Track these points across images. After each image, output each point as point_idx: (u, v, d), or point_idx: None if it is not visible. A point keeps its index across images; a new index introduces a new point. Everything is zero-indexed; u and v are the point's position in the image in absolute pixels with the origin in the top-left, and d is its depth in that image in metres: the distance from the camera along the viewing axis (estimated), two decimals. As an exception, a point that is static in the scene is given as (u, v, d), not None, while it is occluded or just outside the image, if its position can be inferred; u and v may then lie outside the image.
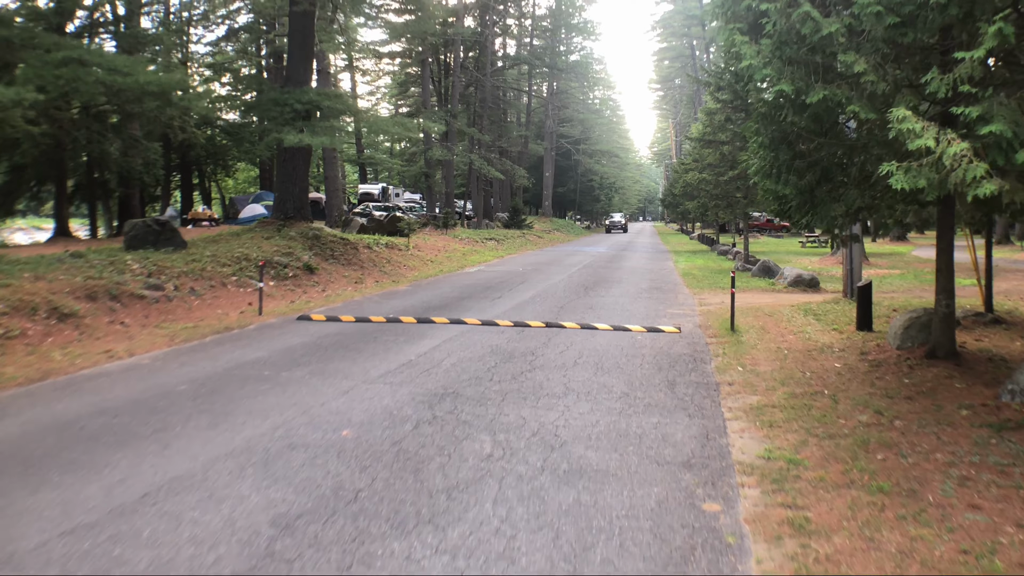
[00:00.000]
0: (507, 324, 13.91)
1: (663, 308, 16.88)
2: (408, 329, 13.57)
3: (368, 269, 23.36)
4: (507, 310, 16.12)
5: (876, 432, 7.40)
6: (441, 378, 9.57)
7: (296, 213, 24.58)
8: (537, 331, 13.29)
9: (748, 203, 28.55)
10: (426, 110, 49.64)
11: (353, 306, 17.05)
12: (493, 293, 19.31)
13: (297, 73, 24.80)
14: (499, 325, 13.86)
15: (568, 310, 16.21)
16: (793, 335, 13.38)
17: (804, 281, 21.08)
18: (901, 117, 5.91)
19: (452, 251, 33.47)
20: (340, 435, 7.22)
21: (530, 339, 12.47)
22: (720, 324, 14.39)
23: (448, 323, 14.13)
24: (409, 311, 15.97)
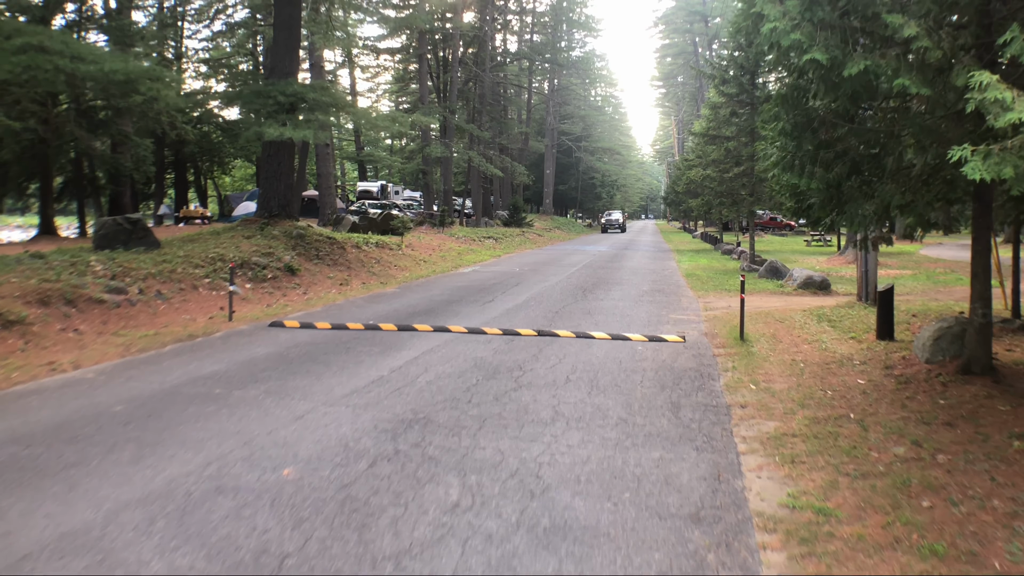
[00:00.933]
0: (495, 332, 12.75)
1: (666, 313, 15.71)
2: (387, 338, 12.41)
3: (355, 270, 22.20)
4: (498, 315, 14.97)
5: (917, 470, 6.25)
6: (413, 399, 8.41)
7: (281, 211, 23.44)
8: (528, 341, 12.13)
9: (754, 200, 27.35)
10: (423, 106, 48.45)
11: (333, 311, 15.90)
12: (485, 296, 18.15)
13: (282, 64, 23.64)
14: (487, 333, 12.70)
15: (564, 315, 15.05)
16: (808, 344, 12.22)
17: (815, 283, 19.92)
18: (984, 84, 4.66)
19: (447, 250, 32.31)
20: (280, 475, 6.08)
21: (519, 350, 11.31)
22: (728, 332, 13.23)
23: (431, 331, 12.98)
24: (392, 317, 14.83)
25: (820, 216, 8.80)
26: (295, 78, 23.60)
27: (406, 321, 14.19)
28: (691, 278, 23.71)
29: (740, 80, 26.99)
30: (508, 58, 70.50)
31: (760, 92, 27.15)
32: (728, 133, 29.09)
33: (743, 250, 33.67)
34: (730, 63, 27.47)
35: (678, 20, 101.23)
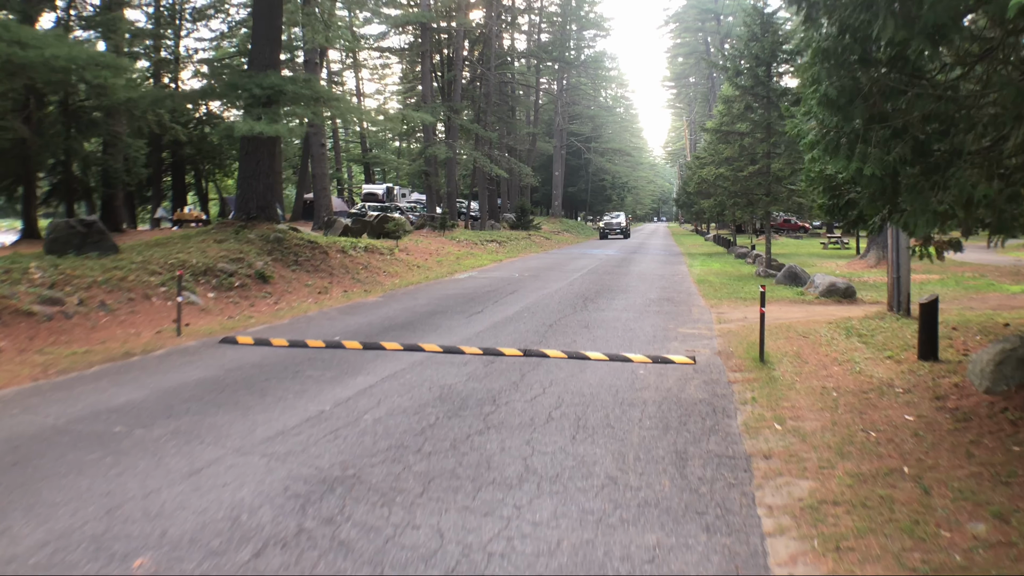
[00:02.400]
0: (474, 352, 11.00)
1: (674, 326, 13.91)
2: (347, 359, 10.69)
3: (338, 277, 20.49)
4: (483, 330, 13.21)
5: (1010, 563, 4.51)
6: (349, 447, 6.68)
7: (260, 213, 21.76)
8: (510, 363, 10.36)
9: (770, 201, 25.53)
10: (426, 105, 46.76)
11: (300, 324, 14.20)
12: (474, 306, 16.41)
13: (262, 55, 21.97)
14: (464, 353, 10.95)
15: (558, 330, 13.29)
16: (839, 366, 10.44)
17: (838, 291, 18.12)
18: None
19: (445, 255, 30.56)
20: (129, 567, 4.37)
21: (498, 375, 9.55)
22: (745, 350, 11.46)
23: (401, 350, 11.25)
24: (363, 331, 13.12)
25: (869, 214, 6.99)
26: (277, 70, 21.88)
27: (377, 337, 12.49)
28: (703, 284, 21.92)
29: (755, 72, 25.21)
30: (515, 57, 68.74)
31: (776, 85, 25.40)
32: (743, 129, 27.30)
33: (758, 254, 31.86)
34: (744, 54, 25.68)
35: (689, 18, 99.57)
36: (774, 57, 25.10)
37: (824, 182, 7.41)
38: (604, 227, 66.39)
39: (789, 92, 25.28)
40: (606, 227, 65.99)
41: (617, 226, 65.31)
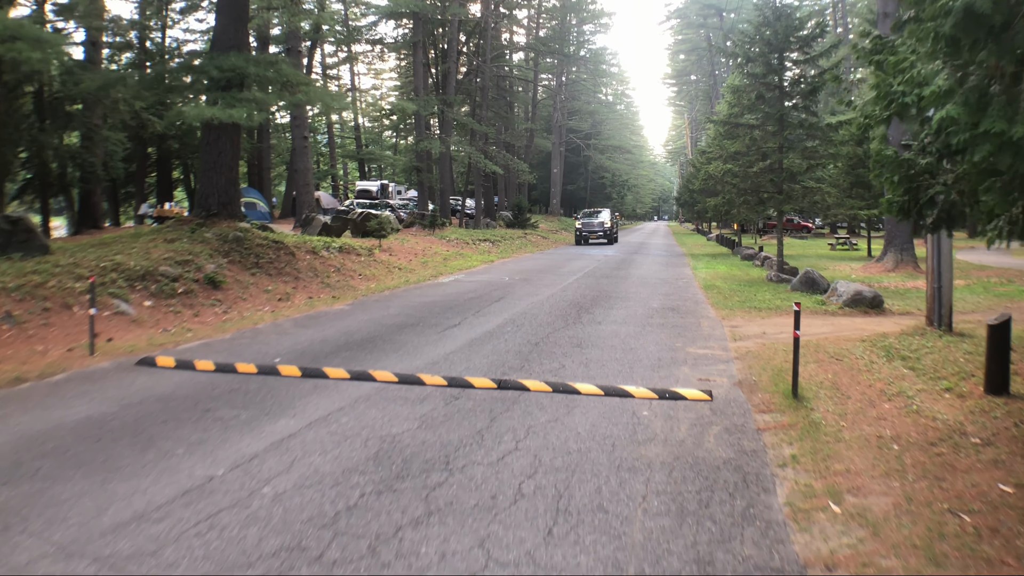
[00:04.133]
0: (437, 383, 8.89)
1: (681, 344, 11.80)
2: (277, 391, 8.61)
3: (305, 281, 18.39)
4: (455, 350, 11.10)
5: None
6: (223, 546, 4.61)
7: (222, 209, 19.68)
8: (480, 398, 8.26)
9: (783, 199, 23.41)
10: (418, 97, 44.63)
11: (244, 339, 12.13)
12: (452, 317, 14.31)
13: (226, 35, 19.88)
14: (424, 384, 8.85)
15: (545, 349, 11.18)
16: (888, 402, 8.37)
17: (865, 300, 16.03)
18: None
19: (432, 255, 28.43)
20: None
21: (460, 419, 7.46)
22: (770, 378, 9.37)
23: (347, 379, 9.15)
24: (312, 350, 11.06)
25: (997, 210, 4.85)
26: (243, 52, 19.79)
27: (329, 357, 10.44)
28: (711, 291, 19.81)
29: (767, 59, 23.10)
30: (513, 51, 66.63)
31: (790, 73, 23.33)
32: (752, 120, 25.18)
33: (766, 256, 29.80)
34: (755, 40, 23.57)
35: (692, 14, 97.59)
36: (787, 42, 22.99)
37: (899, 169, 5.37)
38: (581, 229, 49.17)
39: (803, 80, 23.21)
40: (584, 229, 49.08)
41: (599, 228, 49.14)
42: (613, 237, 50.35)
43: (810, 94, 23.23)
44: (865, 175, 35.13)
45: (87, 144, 36.52)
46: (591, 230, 48.94)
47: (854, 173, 34.96)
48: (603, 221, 49.74)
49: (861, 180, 35.10)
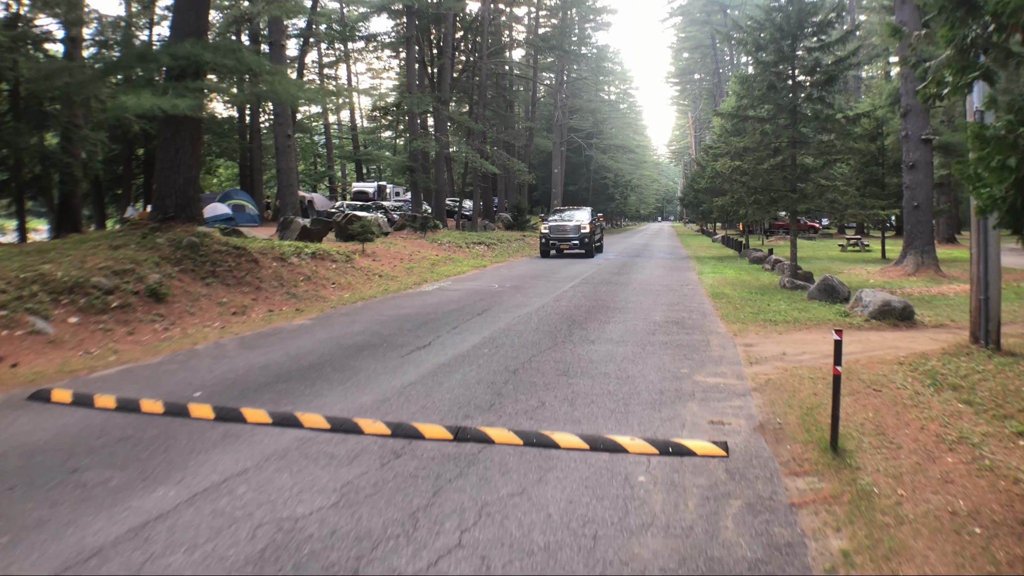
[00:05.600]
0: (378, 431, 7.03)
1: (688, 371, 9.91)
2: (175, 440, 6.81)
3: (267, 291, 16.56)
4: (415, 380, 9.22)
5: None
6: None
7: (179, 212, 17.88)
8: (428, 455, 6.41)
9: (798, 199, 21.52)
10: (411, 95, 42.88)
11: (174, 364, 10.33)
12: (423, 335, 12.45)
13: (185, 22, 18.09)
14: (362, 433, 7.00)
15: (524, 379, 9.29)
16: (951, 453, 6.55)
17: (894, 311, 14.17)
18: None
19: (419, 260, 26.56)
20: None
21: (392, 493, 5.59)
22: (799, 419, 7.53)
23: (269, 423, 7.32)
24: (247, 379, 9.27)
25: None
26: (202, 40, 17.99)
27: (260, 390, 8.64)
28: (719, 299, 17.94)
29: (779, 45, 21.22)
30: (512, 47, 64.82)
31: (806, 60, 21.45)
32: (763, 114, 23.29)
33: (777, 259, 27.93)
34: (765, 25, 21.70)
35: (695, 11, 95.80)
36: (800, 29, 21.13)
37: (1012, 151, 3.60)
38: (548, 235, 35.86)
39: (819, 68, 21.35)
40: (552, 235, 35.71)
41: (573, 232, 35.45)
42: (593, 246, 36.48)
43: (826, 84, 21.35)
44: (879, 173, 33.35)
45: (65, 145, 34.92)
46: (563, 236, 35.47)
47: (867, 171, 33.18)
48: (579, 224, 35.63)
49: (875, 178, 33.32)
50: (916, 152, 24.35)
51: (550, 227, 35.88)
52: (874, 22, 51.12)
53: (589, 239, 35.17)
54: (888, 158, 33.39)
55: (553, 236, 35.29)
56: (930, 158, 24.95)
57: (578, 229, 35.07)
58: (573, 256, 35.37)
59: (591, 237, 35.43)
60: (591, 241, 35.42)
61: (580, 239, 34.95)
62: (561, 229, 35.37)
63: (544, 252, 35.72)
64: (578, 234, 34.97)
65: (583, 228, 35.14)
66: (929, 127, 25.00)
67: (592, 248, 35.78)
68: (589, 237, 35.17)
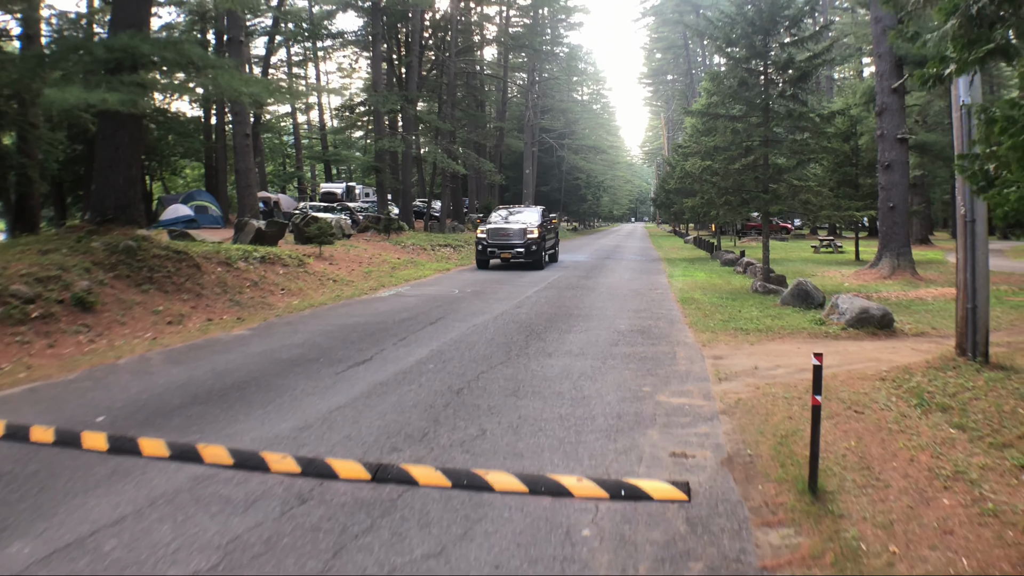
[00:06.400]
0: (286, 469, 6.07)
1: (651, 389, 8.99)
2: (54, 478, 5.90)
3: (208, 299, 15.53)
4: (345, 403, 8.24)
5: None
6: None
7: (119, 213, 16.84)
8: (337, 502, 5.46)
9: (771, 199, 20.71)
10: (376, 93, 41.88)
11: (92, 379, 9.39)
12: (367, 348, 11.47)
13: (124, 14, 17.07)
14: (268, 471, 6.07)
15: (468, 401, 8.33)
16: (946, 492, 5.72)
17: (873, 319, 13.35)
18: None
19: (379, 264, 25.56)
20: None
21: (286, 552, 4.65)
22: (773, 450, 6.66)
23: (166, 457, 6.37)
24: (161, 400, 8.31)
25: None
26: (144, 31, 16.96)
27: (171, 415, 7.70)
28: (688, 305, 17.08)
29: (751, 40, 20.41)
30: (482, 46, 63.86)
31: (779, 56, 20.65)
32: (734, 112, 22.48)
33: (749, 261, 27.17)
34: (737, 19, 20.87)
35: (668, 11, 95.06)
36: (773, 23, 20.34)
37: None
38: (487, 240, 28.99)
39: (792, 65, 20.56)
40: (491, 240, 28.87)
41: (517, 237, 28.51)
42: (543, 254, 29.43)
43: (799, 80, 20.56)
44: (852, 173, 32.67)
45: (21, 145, 33.76)
46: (504, 242, 28.40)
47: (841, 171, 32.51)
48: (525, 227, 28.60)
49: (848, 179, 32.65)
50: (892, 152, 23.63)
51: (488, 230, 29.01)
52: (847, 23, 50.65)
53: (537, 246, 28.33)
54: (862, 158, 32.73)
55: (492, 242, 28.52)
56: (906, 158, 24.24)
57: (523, 233, 28.23)
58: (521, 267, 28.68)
59: (539, 243, 28.57)
60: (540, 248, 28.59)
61: (526, 246, 28.07)
62: (502, 233, 28.61)
63: (481, 262, 29.12)
64: (523, 239, 28.13)
65: (530, 232, 28.31)
66: (905, 126, 24.32)
67: (541, 257, 28.93)
68: (537, 243, 28.33)
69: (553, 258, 32.48)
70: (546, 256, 30.01)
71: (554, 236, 33.30)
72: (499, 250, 28.13)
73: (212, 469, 6.09)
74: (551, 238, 32.16)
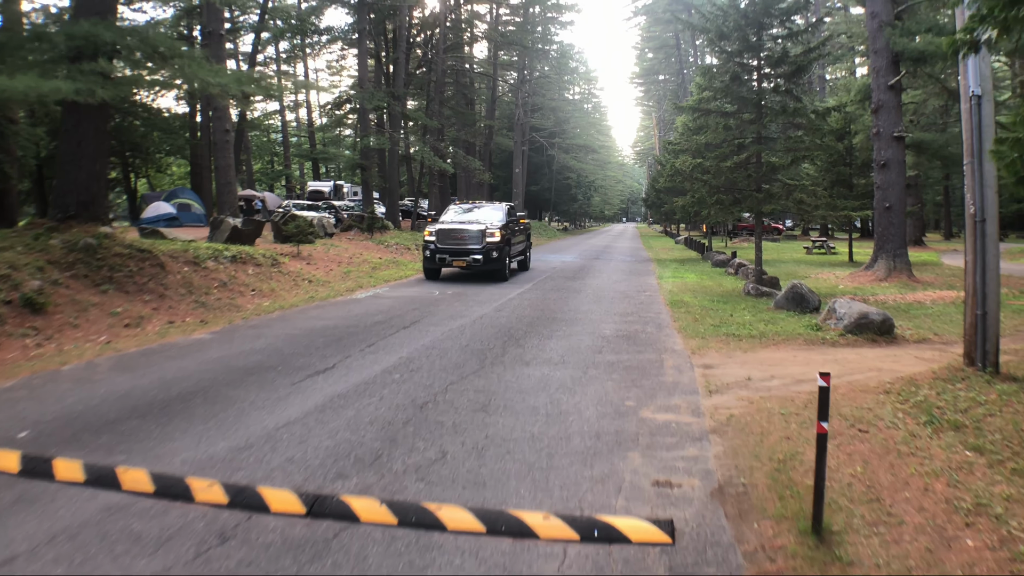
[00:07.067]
0: (211, 499, 5.29)
1: (635, 403, 8.22)
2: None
3: (172, 300, 14.74)
4: (297, 417, 7.43)
5: None
6: None
7: (82, 210, 16.07)
8: (263, 541, 4.68)
9: (764, 198, 19.98)
10: (362, 89, 41.11)
11: (29, 387, 8.63)
12: (331, 355, 10.68)
13: (90, 1, 16.29)
14: (193, 500, 5.30)
15: (431, 418, 7.53)
16: (969, 530, 5.02)
17: (873, 325, 12.63)
18: None
19: (359, 264, 24.76)
20: None
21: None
22: (769, 477, 5.91)
23: (82, 483, 5.60)
24: (97, 412, 7.57)
25: None
26: (110, 19, 16.17)
27: (102, 430, 6.96)
28: (678, 309, 16.35)
29: (743, 33, 19.68)
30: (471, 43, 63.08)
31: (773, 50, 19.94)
32: (726, 107, 21.73)
33: (740, 263, 26.46)
34: (730, 11, 20.13)
35: (659, 10, 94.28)
36: (767, 16, 19.62)
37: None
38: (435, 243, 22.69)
39: (786, 59, 19.85)
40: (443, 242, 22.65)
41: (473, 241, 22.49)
42: (506, 262, 23.31)
43: (794, 75, 19.84)
44: (846, 173, 32.01)
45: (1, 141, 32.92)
46: (458, 246, 22.43)
47: (834, 171, 31.84)
48: (484, 228, 22.53)
49: (842, 178, 31.98)
50: (888, 150, 22.93)
51: (439, 232, 22.63)
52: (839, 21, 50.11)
53: (499, 251, 22.31)
54: (856, 158, 32.04)
55: (443, 246, 22.35)
56: (902, 156, 23.53)
57: (481, 236, 22.12)
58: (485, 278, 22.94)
59: (502, 248, 22.48)
60: (503, 255, 22.59)
61: (484, 252, 22.03)
62: (456, 235, 22.42)
63: (430, 271, 23.07)
64: (481, 244, 22.07)
65: (490, 235, 22.22)
66: (901, 124, 23.62)
67: (504, 265, 22.84)
68: (498, 248, 22.30)
69: (523, 265, 27.09)
70: (511, 264, 24.17)
71: (524, 239, 27.29)
72: (451, 256, 22.27)
73: (129, 497, 5.33)
74: (519, 241, 25.99)
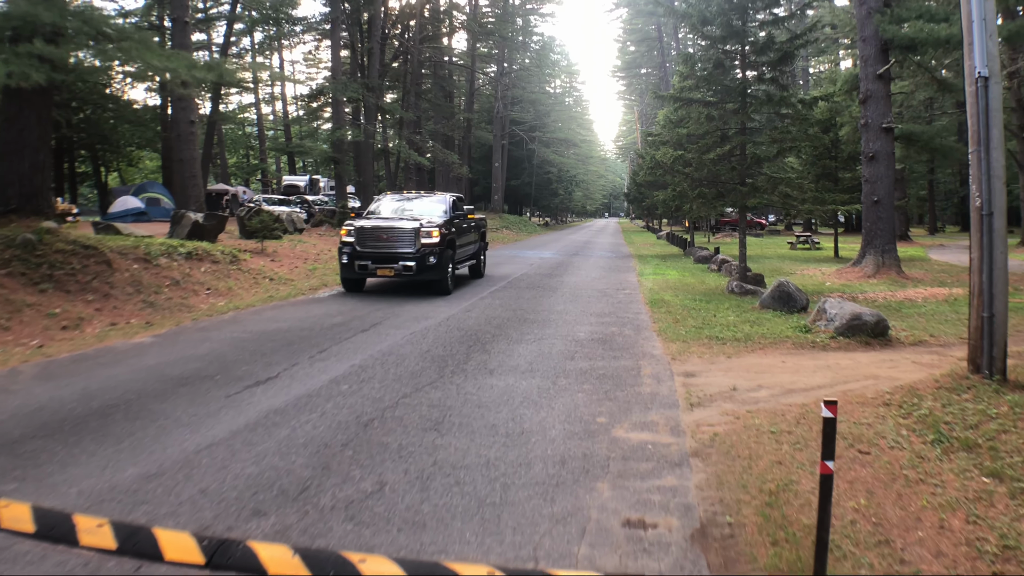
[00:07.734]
0: (98, 544, 4.36)
1: (606, 420, 7.31)
2: None
3: (118, 299, 13.77)
4: (224, 437, 6.51)
5: None
6: None
7: (25, 203, 15.13)
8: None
9: (749, 192, 19.16)
10: (335, 80, 40.13)
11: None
12: (277, 363, 9.73)
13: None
14: (77, 544, 4.39)
15: (374, 439, 6.58)
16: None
17: (866, 327, 11.81)
18: None
19: (326, 261, 23.72)
20: None
21: None
22: (759, 514, 5.05)
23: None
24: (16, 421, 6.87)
25: None
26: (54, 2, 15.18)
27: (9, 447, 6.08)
28: (658, 308, 15.52)
29: (727, 18, 18.83)
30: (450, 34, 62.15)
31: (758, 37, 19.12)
32: (709, 97, 20.88)
33: (724, 259, 25.68)
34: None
35: (641, 1, 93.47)
36: (751, 1, 18.82)
37: None
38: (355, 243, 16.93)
39: (772, 46, 19.02)
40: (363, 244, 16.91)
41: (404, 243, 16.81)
42: (447, 268, 17.59)
43: (780, 63, 19.02)
44: (832, 166, 31.30)
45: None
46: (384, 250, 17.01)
47: (820, 164, 31.12)
48: (418, 226, 16.94)
49: (827, 172, 31.26)
50: (876, 142, 22.15)
51: (358, 231, 17.15)
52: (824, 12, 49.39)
53: (439, 256, 17.06)
54: (842, 151, 31.30)
55: (365, 250, 17.06)
56: (891, 148, 22.75)
57: (415, 237, 16.83)
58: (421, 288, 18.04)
59: (442, 253, 17.19)
60: (444, 260, 17.26)
61: (419, 257, 16.79)
62: (382, 236, 17.09)
63: (348, 282, 17.99)
64: (415, 247, 16.80)
65: (426, 235, 16.93)
66: (890, 115, 22.86)
67: (445, 274, 17.47)
68: (438, 252, 17.05)
69: (476, 272, 22.06)
70: (454, 271, 18.56)
71: (476, 239, 21.77)
72: (374, 263, 16.99)
73: (6, 539, 4.44)
74: (469, 242, 20.59)
